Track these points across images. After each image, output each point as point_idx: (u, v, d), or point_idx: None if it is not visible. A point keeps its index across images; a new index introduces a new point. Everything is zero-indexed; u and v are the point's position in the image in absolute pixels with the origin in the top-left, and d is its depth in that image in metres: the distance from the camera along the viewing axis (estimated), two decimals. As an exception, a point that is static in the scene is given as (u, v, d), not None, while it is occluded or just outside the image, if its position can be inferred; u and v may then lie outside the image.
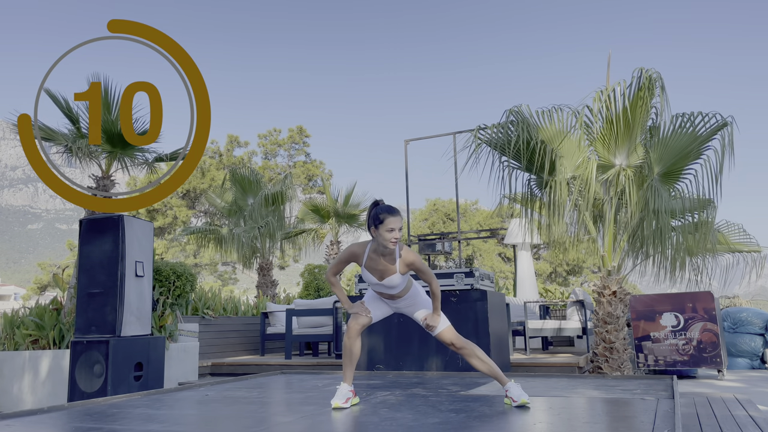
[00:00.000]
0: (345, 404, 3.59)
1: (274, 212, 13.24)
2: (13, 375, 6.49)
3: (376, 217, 3.43)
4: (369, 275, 3.59)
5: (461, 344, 3.67)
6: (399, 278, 3.56)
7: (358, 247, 3.60)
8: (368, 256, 3.55)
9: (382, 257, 3.53)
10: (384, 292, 3.69)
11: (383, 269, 3.55)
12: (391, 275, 3.54)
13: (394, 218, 3.41)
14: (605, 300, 7.10)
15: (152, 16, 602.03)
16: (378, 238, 3.46)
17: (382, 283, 3.59)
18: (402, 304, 3.75)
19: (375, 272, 3.57)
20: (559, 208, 7.05)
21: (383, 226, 3.40)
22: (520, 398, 3.51)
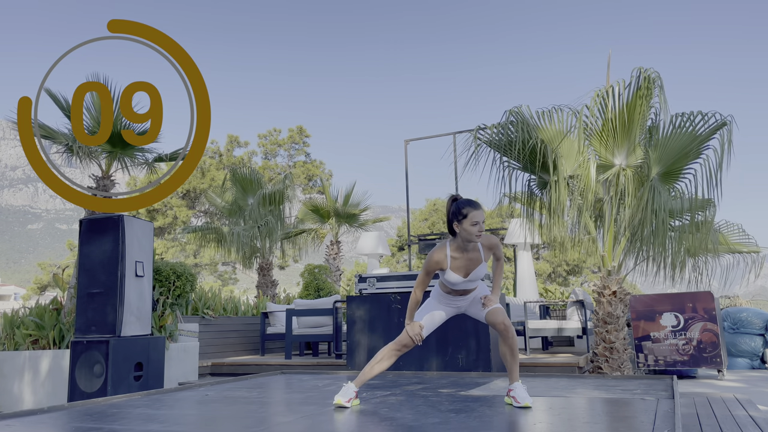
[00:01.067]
0: (347, 403, 3.59)
1: (273, 212, 13.24)
2: (13, 375, 6.49)
3: (459, 212, 3.40)
4: (454, 276, 3.51)
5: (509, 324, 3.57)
6: (484, 267, 3.53)
7: (439, 252, 3.51)
8: (451, 257, 3.49)
9: (466, 252, 3.48)
10: (465, 289, 3.61)
11: (468, 264, 3.50)
12: (476, 267, 3.50)
13: (477, 211, 3.38)
14: (605, 300, 7.11)
15: (152, 16, 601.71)
16: (462, 232, 3.42)
17: (467, 279, 3.53)
18: (470, 296, 3.68)
19: (460, 270, 3.51)
20: (559, 208, 7.05)
21: (467, 220, 3.37)
22: (524, 401, 3.49)
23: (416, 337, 3.60)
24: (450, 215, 3.47)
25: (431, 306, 3.73)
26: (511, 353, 3.59)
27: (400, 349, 3.64)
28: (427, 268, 3.55)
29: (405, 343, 3.63)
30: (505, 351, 3.60)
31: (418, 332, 3.60)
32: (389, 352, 3.65)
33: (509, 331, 3.54)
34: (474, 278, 3.54)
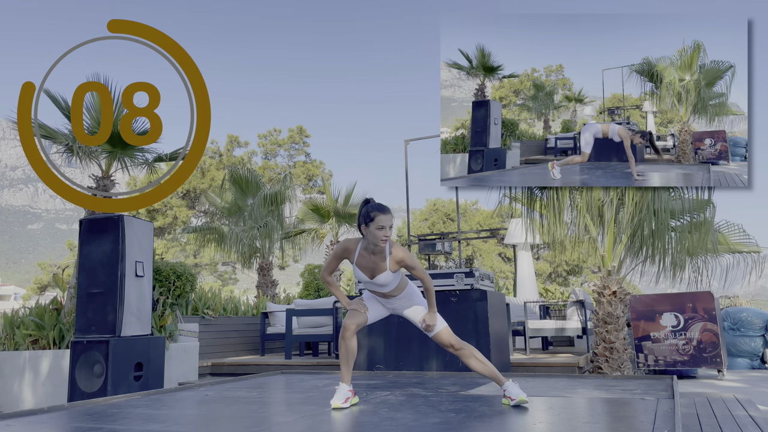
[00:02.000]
0: (344, 404, 3.59)
1: (273, 212, 13.23)
2: (13, 375, 6.49)
3: (367, 215, 3.41)
4: (360, 273, 3.58)
5: (459, 345, 3.66)
6: (390, 276, 3.53)
7: (351, 242, 3.59)
8: (359, 253, 3.54)
9: (373, 255, 3.51)
10: (376, 291, 3.68)
11: (373, 267, 3.53)
12: (381, 273, 3.52)
13: (385, 216, 3.39)
14: (605, 300, 7.11)
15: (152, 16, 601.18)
16: (368, 236, 3.44)
17: (372, 281, 3.57)
18: (397, 304, 3.73)
19: (366, 270, 3.55)
20: (559, 208, 7.05)
21: (373, 223, 3.39)
22: (518, 396, 3.51)
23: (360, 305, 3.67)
24: (359, 217, 3.49)
25: (367, 294, 3.81)
26: (481, 363, 3.66)
27: (353, 328, 3.64)
28: (336, 252, 3.64)
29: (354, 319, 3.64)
30: (473, 365, 3.67)
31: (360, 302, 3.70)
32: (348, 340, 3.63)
33: (462, 350, 3.64)
34: (381, 283, 3.56)
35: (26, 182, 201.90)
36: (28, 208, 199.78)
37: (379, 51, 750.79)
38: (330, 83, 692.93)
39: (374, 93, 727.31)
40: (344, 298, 3.72)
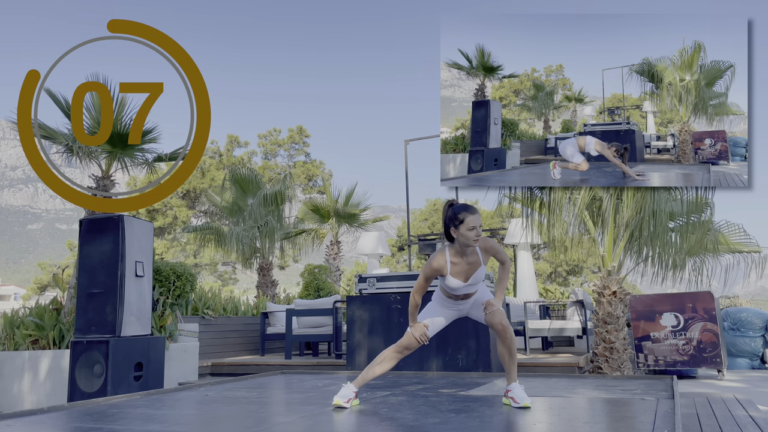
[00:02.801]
0: (346, 404, 3.59)
1: (273, 212, 13.23)
2: (13, 375, 6.49)
3: (455, 218, 3.37)
4: (454, 281, 3.49)
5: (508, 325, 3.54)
6: (483, 270, 3.51)
7: (438, 259, 3.48)
8: (451, 262, 3.46)
9: (465, 257, 3.46)
10: (467, 293, 3.59)
11: (468, 268, 3.47)
12: (476, 271, 3.48)
13: (474, 216, 3.36)
14: (605, 300, 7.11)
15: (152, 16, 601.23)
16: (460, 238, 3.39)
17: (468, 283, 3.50)
18: (471, 300, 3.65)
19: (460, 275, 3.48)
20: (558, 208, 7.05)
21: (464, 225, 3.35)
22: (523, 401, 3.48)
23: (422, 337, 3.58)
24: (447, 221, 3.43)
25: (433, 309, 3.71)
26: (509, 354, 3.57)
27: (402, 352, 3.63)
28: (427, 274, 3.52)
29: (408, 345, 3.62)
30: (503, 352, 3.58)
31: (423, 332, 3.59)
32: (391, 354, 3.64)
33: (507, 331, 3.52)
34: (474, 282, 3.52)
35: (26, 182, 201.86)
36: (28, 208, 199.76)
37: (379, 51, 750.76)
38: (330, 83, 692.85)
39: (374, 93, 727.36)
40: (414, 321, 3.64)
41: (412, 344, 3.61)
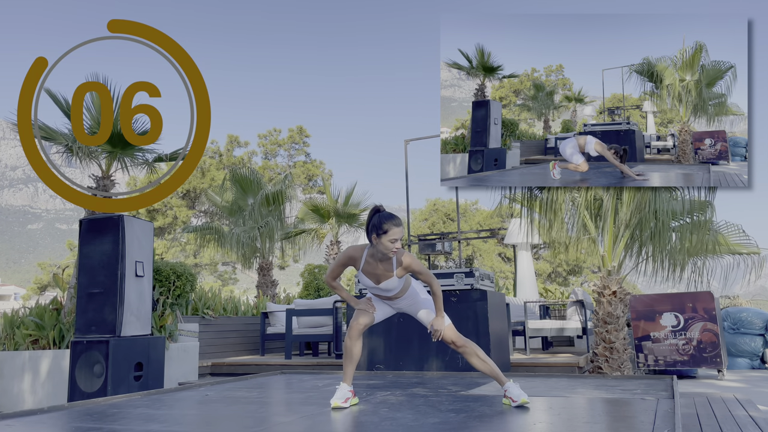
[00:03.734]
0: (344, 404, 3.59)
1: (273, 212, 13.23)
2: (13, 375, 6.49)
3: (379, 226, 3.39)
4: (366, 279, 3.59)
5: (462, 343, 3.66)
6: (396, 281, 3.55)
7: (356, 250, 3.57)
8: (365, 260, 3.54)
9: (380, 262, 3.52)
10: (382, 295, 3.69)
11: (380, 273, 3.54)
12: (388, 279, 3.54)
13: (398, 229, 3.38)
14: (605, 300, 7.11)
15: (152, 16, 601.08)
16: (378, 245, 3.43)
17: (379, 286, 3.58)
18: (402, 303, 3.74)
19: (372, 276, 3.56)
20: (558, 208, 7.05)
21: (386, 236, 3.38)
22: (520, 398, 3.51)
23: (367, 305, 3.66)
24: (370, 226, 3.45)
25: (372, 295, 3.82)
26: (482, 362, 3.66)
27: (361, 330, 3.64)
28: (341, 259, 3.61)
29: (360, 319, 3.64)
30: (475, 363, 3.68)
31: (368, 302, 3.69)
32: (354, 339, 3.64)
33: (465, 347, 3.64)
34: (387, 288, 3.57)
35: (26, 182, 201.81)
36: (28, 208, 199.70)
37: (379, 51, 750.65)
38: (330, 83, 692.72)
39: (374, 93, 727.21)
40: (351, 298, 3.72)
41: (363, 318, 3.65)
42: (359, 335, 3.64)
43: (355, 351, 3.65)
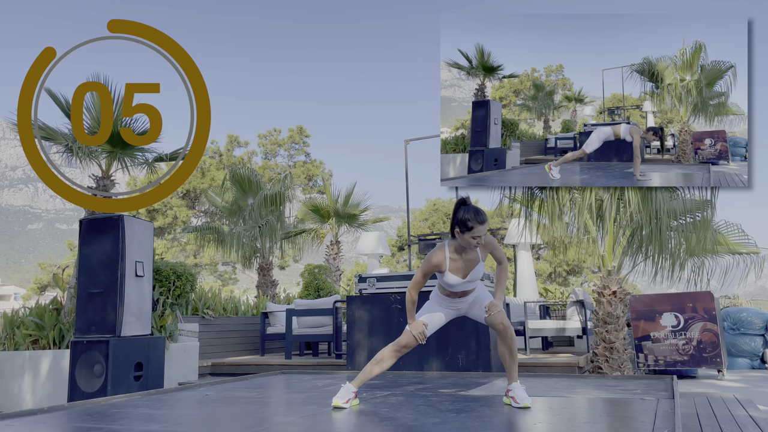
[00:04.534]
0: (345, 404, 3.59)
1: (273, 212, 13.23)
2: (13, 375, 6.49)
3: (465, 224, 3.35)
4: (453, 278, 3.49)
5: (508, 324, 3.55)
6: (482, 267, 3.51)
7: (437, 255, 3.49)
8: (450, 258, 3.47)
9: (464, 254, 3.47)
10: (465, 290, 3.59)
11: (466, 264, 3.48)
12: (475, 267, 3.48)
13: (482, 227, 3.35)
14: (605, 300, 7.11)
15: (152, 16, 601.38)
16: (461, 240, 3.41)
17: (466, 280, 3.50)
18: (470, 298, 3.65)
19: (459, 272, 3.49)
20: (559, 208, 7.05)
21: (470, 233, 3.35)
22: (524, 401, 3.48)
23: (420, 335, 3.57)
24: (454, 220, 3.42)
25: (431, 307, 3.71)
26: (510, 354, 3.57)
27: (401, 350, 3.63)
28: (425, 269, 3.52)
29: (406, 343, 3.61)
30: (504, 351, 3.58)
31: (422, 330, 3.58)
32: (390, 353, 3.64)
33: (508, 331, 3.52)
34: (472, 279, 3.52)
35: (26, 182, 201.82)
36: (28, 208, 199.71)
37: (379, 51, 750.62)
38: (330, 83, 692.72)
39: (374, 93, 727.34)
40: (413, 319, 3.62)
41: (411, 342, 3.61)
42: (398, 355, 3.62)
43: (384, 366, 3.63)
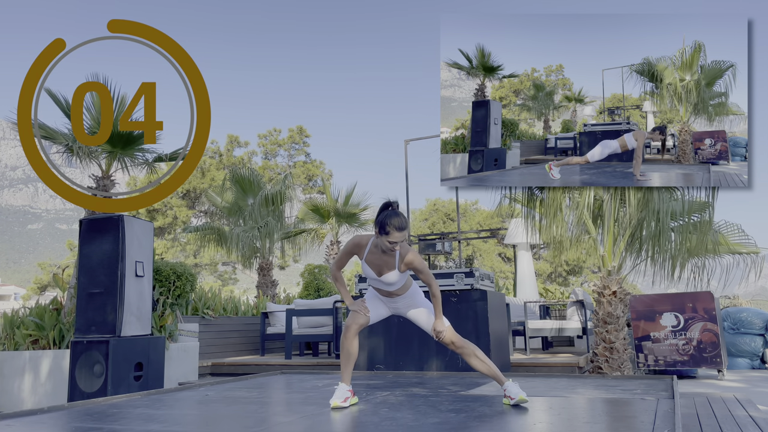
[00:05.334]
0: (344, 404, 3.59)
1: (274, 212, 13.23)
2: (13, 375, 6.49)
3: (383, 227, 3.42)
4: (368, 269, 3.61)
5: (461, 344, 3.69)
6: (397, 275, 3.58)
7: (362, 238, 3.63)
8: (369, 249, 3.58)
9: (383, 253, 3.55)
10: (382, 289, 3.71)
11: (382, 264, 3.57)
12: (389, 271, 3.56)
13: (399, 233, 3.41)
14: (605, 300, 7.11)
15: (152, 16, 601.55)
16: (378, 239, 3.50)
17: (380, 279, 3.61)
18: (400, 303, 3.76)
19: (374, 266, 3.59)
20: (559, 208, 7.05)
21: (386, 237, 3.43)
22: (518, 395, 3.53)
23: (361, 306, 3.69)
24: (376, 220, 3.49)
25: (370, 293, 3.84)
26: (481, 362, 3.70)
27: (354, 330, 3.67)
28: (346, 247, 3.67)
29: (356, 321, 3.67)
30: (474, 363, 3.72)
31: (362, 304, 3.71)
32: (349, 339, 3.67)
33: (463, 348, 3.68)
34: (387, 282, 3.60)
35: (26, 182, 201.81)
36: (28, 208, 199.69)
37: (379, 51, 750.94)
38: (330, 83, 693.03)
39: (374, 93, 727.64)
40: (348, 297, 3.74)
41: (360, 319, 3.68)
42: (355, 335, 3.67)
43: (353, 350, 3.67)
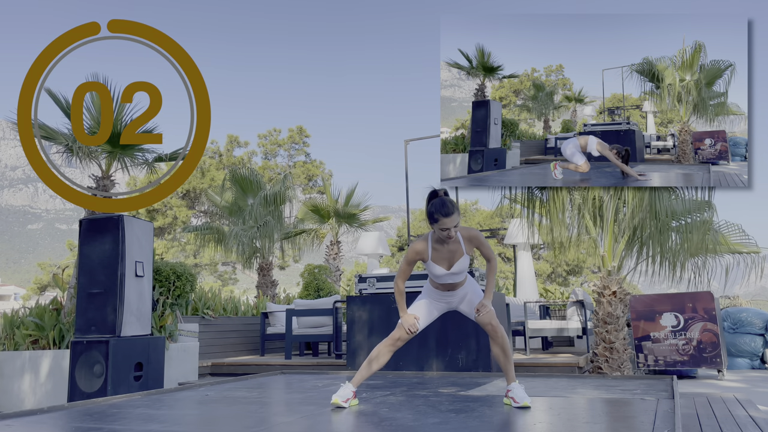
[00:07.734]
0: (344, 403, 3.58)
1: (273, 212, 13.23)
2: (13, 375, 6.49)
3: (431, 216, 3.39)
4: (438, 268, 3.51)
5: (496, 328, 3.56)
6: (466, 260, 3.51)
7: (420, 243, 3.53)
8: (432, 248, 3.50)
9: (446, 244, 3.48)
10: (450, 282, 3.59)
11: (449, 256, 3.49)
12: (459, 259, 3.48)
13: (448, 219, 3.35)
14: (605, 300, 7.11)
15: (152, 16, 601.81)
16: (436, 232, 3.44)
17: (451, 271, 3.51)
18: (458, 295, 3.66)
19: (443, 261, 3.50)
20: (559, 209, 7.05)
21: (437, 225, 3.38)
22: (523, 401, 3.49)
23: (412, 327, 3.58)
24: (426, 213, 3.46)
25: (423, 300, 3.73)
26: (503, 354, 3.59)
27: (395, 344, 3.62)
28: (408, 257, 3.57)
29: (399, 336, 3.61)
30: (497, 352, 3.61)
31: (413, 323, 3.60)
32: (385, 348, 3.63)
33: (498, 331, 3.55)
34: (458, 270, 3.52)
35: (26, 182, 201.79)
36: (28, 208, 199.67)
37: (379, 51, 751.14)
38: (330, 83, 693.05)
39: (374, 93, 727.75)
40: (404, 311, 3.64)
41: (404, 336, 3.62)
42: (393, 349, 3.61)
43: (381, 361, 3.62)
